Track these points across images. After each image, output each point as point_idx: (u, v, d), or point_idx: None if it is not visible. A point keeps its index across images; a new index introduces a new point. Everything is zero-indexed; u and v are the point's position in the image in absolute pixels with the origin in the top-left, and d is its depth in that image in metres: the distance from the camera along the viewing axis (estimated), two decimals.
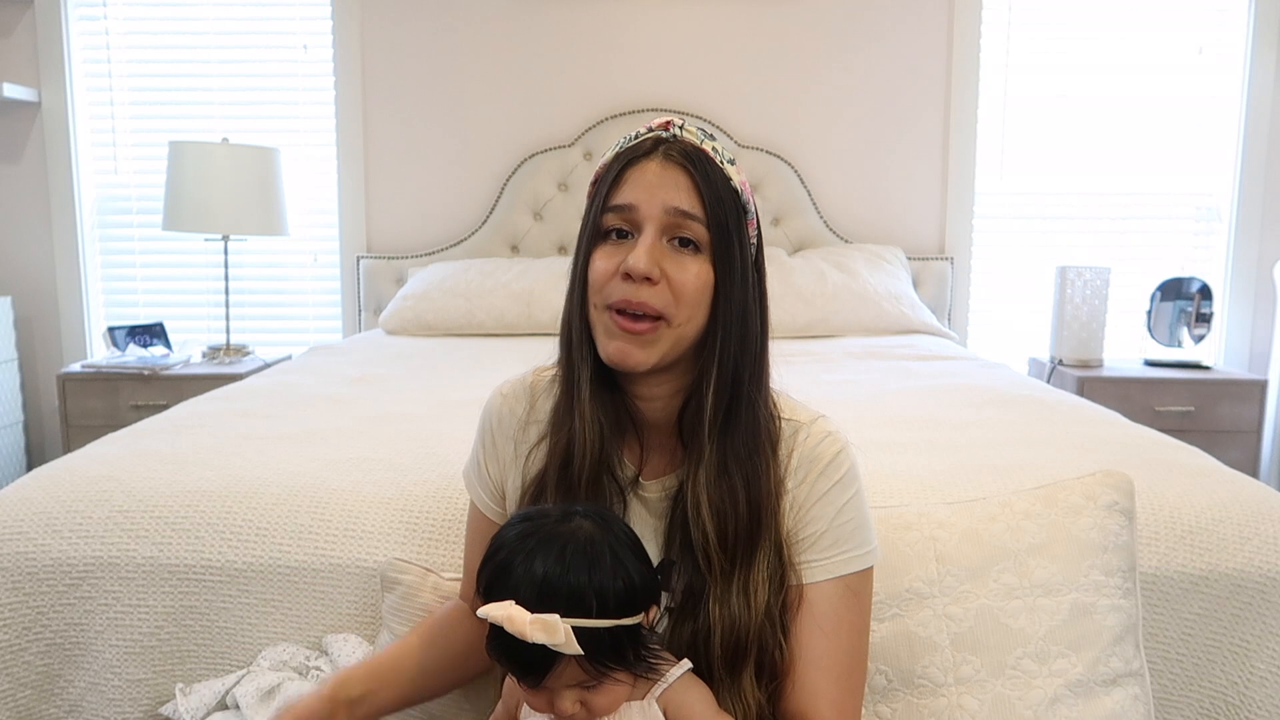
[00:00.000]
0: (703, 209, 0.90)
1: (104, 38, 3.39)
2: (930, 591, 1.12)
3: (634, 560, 0.84)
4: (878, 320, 2.94)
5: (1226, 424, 2.97)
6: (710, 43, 3.36)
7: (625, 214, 0.91)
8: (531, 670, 0.80)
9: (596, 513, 0.86)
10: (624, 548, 0.84)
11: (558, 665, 0.80)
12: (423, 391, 2.03)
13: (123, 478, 1.37)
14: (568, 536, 0.82)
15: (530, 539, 0.82)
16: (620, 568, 0.82)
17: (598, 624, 0.79)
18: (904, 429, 1.68)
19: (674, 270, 0.89)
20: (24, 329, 3.44)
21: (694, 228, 0.90)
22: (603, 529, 0.84)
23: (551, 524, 0.84)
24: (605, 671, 0.81)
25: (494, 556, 0.83)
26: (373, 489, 1.34)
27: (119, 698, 1.26)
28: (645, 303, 0.89)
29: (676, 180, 0.90)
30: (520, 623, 0.76)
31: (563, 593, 0.79)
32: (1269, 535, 1.27)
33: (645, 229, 0.89)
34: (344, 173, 3.41)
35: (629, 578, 0.82)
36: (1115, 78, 3.37)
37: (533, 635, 0.76)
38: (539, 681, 0.81)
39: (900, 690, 1.09)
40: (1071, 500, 1.15)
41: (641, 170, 0.91)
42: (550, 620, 0.76)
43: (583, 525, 0.84)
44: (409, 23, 3.36)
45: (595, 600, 0.79)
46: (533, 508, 0.89)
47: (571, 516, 0.85)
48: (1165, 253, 3.45)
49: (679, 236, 0.90)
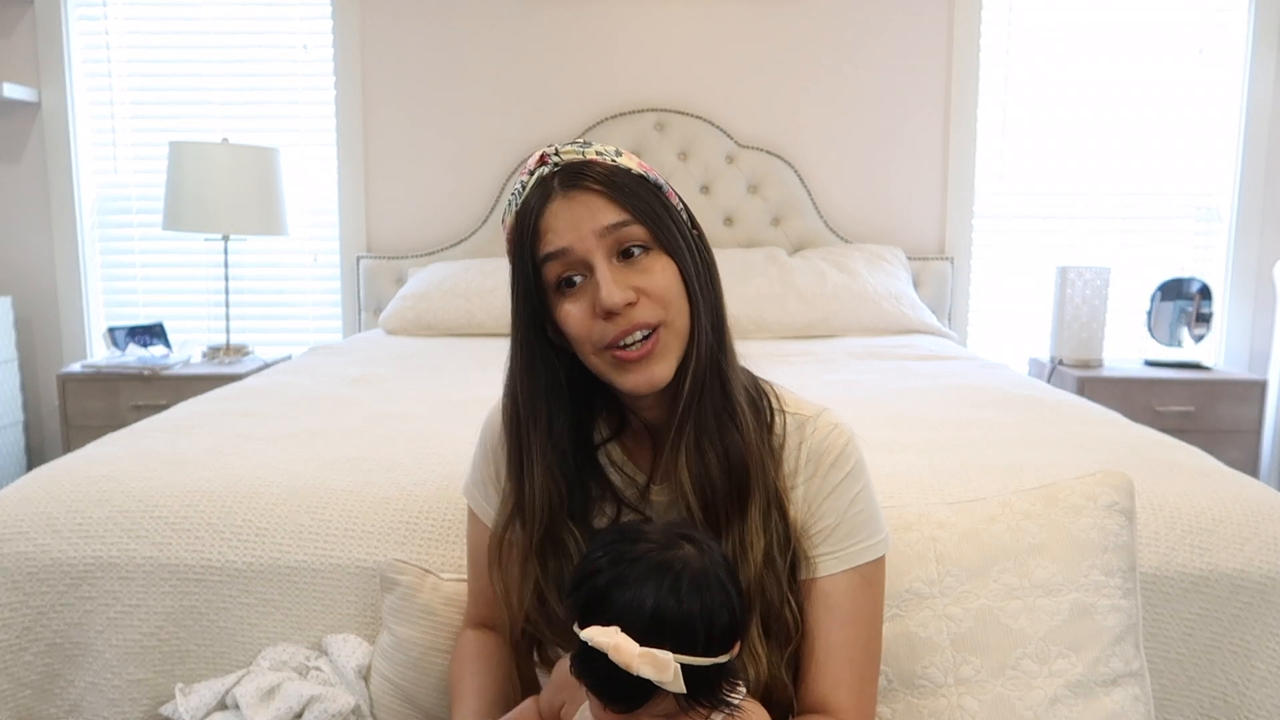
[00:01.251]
0: (627, 211, 0.89)
1: (104, 38, 3.39)
2: (930, 592, 1.12)
3: (735, 590, 0.81)
4: (878, 320, 2.94)
5: (1226, 424, 2.97)
6: (710, 43, 3.36)
7: (564, 259, 0.89)
8: (622, 700, 0.77)
9: (697, 536, 0.82)
10: (728, 577, 0.80)
11: (652, 700, 0.76)
12: (423, 391, 2.03)
13: (123, 478, 1.37)
14: (680, 565, 0.78)
15: (638, 564, 0.78)
16: (727, 600, 0.79)
17: (705, 663, 0.76)
18: (904, 429, 1.68)
19: (643, 281, 0.89)
20: (24, 329, 3.44)
21: (632, 232, 0.89)
22: (708, 556, 0.80)
23: (659, 549, 0.79)
24: (695, 709, 0.78)
25: (593, 577, 0.78)
26: (373, 489, 1.34)
27: (119, 698, 1.26)
28: (640, 322, 0.89)
29: (589, 202, 0.89)
30: (628, 654, 0.73)
31: (673, 626, 0.75)
32: (1269, 535, 1.27)
33: (595, 262, 0.88)
34: (344, 173, 3.41)
35: (733, 610, 0.79)
36: (1115, 78, 3.37)
37: (640, 669, 0.73)
38: (627, 711, 0.78)
39: (900, 690, 1.09)
40: (1072, 500, 1.15)
41: (553, 214, 0.89)
42: (662, 658, 0.73)
43: (690, 551, 0.79)
44: (409, 23, 3.36)
45: (704, 634, 0.76)
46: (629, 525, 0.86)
47: (678, 542, 0.80)
48: (1165, 253, 3.45)
49: (624, 249, 0.90)
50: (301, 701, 1.14)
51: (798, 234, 3.35)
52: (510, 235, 0.94)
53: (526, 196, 0.92)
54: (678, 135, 3.33)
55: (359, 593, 1.26)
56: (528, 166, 0.93)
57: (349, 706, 1.15)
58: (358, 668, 1.20)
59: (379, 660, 1.19)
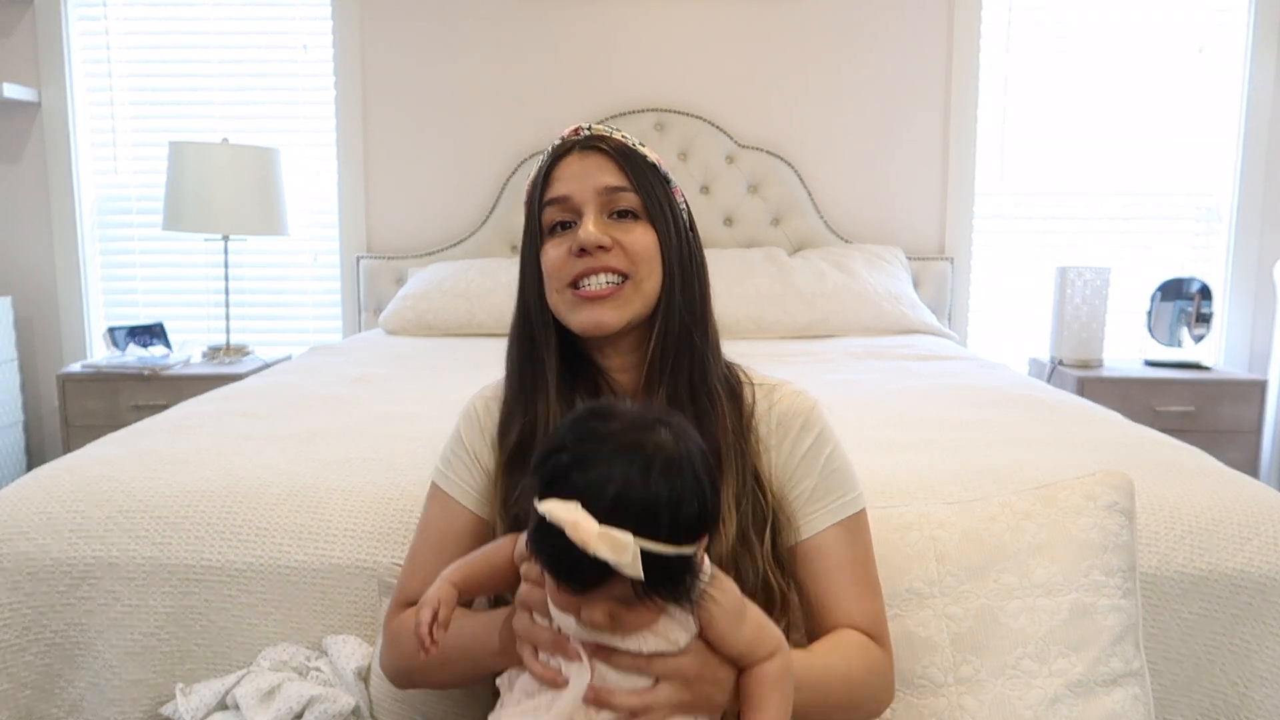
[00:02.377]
0: (628, 180, 0.99)
1: (104, 38, 3.39)
2: (930, 592, 1.11)
3: (709, 482, 0.77)
4: (878, 320, 2.94)
5: (1226, 424, 2.97)
6: (710, 43, 3.36)
7: (563, 205, 0.99)
8: (576, 579, 0.74)
9: (676, 423, 0.79)
10: (703, 467, 0.77)
11: (607, 583, 0.73)
12: (423, 392, 2.03)
13: (123, 478, 1.37)
14: (653, 447, 0.75)
15: (610, 440, 0.75)
16: (698, 490, 0.75)
17: (665, 551, 0.72)
18: (904, 429, 1.68)
19: (622, 236, 0.98)
20: (24, 329, 3.44)
21: (627, 198, 0.99)
22: (683, 443, 0.77)
23: (631, 429, 0.76)
24: (653, 599, 0.75)
25: (560, 451, 0.75)
26: (373, 489, 1.34)
27: (119, 698, 1.26)
28: (607, 264, 0.97)
29: (599, 163, 0.99)
30: (587, 532, 0.70)
31: (637, 507, 0.72)
32: (1269, 535, 1.27)
33: (586, 211, 0.98)
34: (344, 173, 3.41)
35: (703, 500, 0.76)
36: (1115, 78, 3.37)
37: (597, 549, 0.70)
38: (580, 592, 0.75)
39: (900, 690, 1.09)
40: (1072, 500, 1.15)
41: (566, 165, 1.00)
42: (621, 538, 0.70)
43: (665, 436, 0.76)
44: (409, 23, 3.36)
45: (668, 521, 0.73)
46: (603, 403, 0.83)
47: (653, 424, 0.77)
48: (1165, 253, 3.45)
49: (616, 210, 0.99)
50: (301, 702, 1.13)
51: (798, 234, 3.35)
52: (530, 183, 1.04)
53: (550, 153, 1.03)
54: (678, 135, 3.33)
55: (359, 593, 1.26)
56: (562, 134, 1.04)
57: (349, 707, 1.15)
58: (358, 669, 1.20)
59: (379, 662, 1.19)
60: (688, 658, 0.80)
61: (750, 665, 0.82)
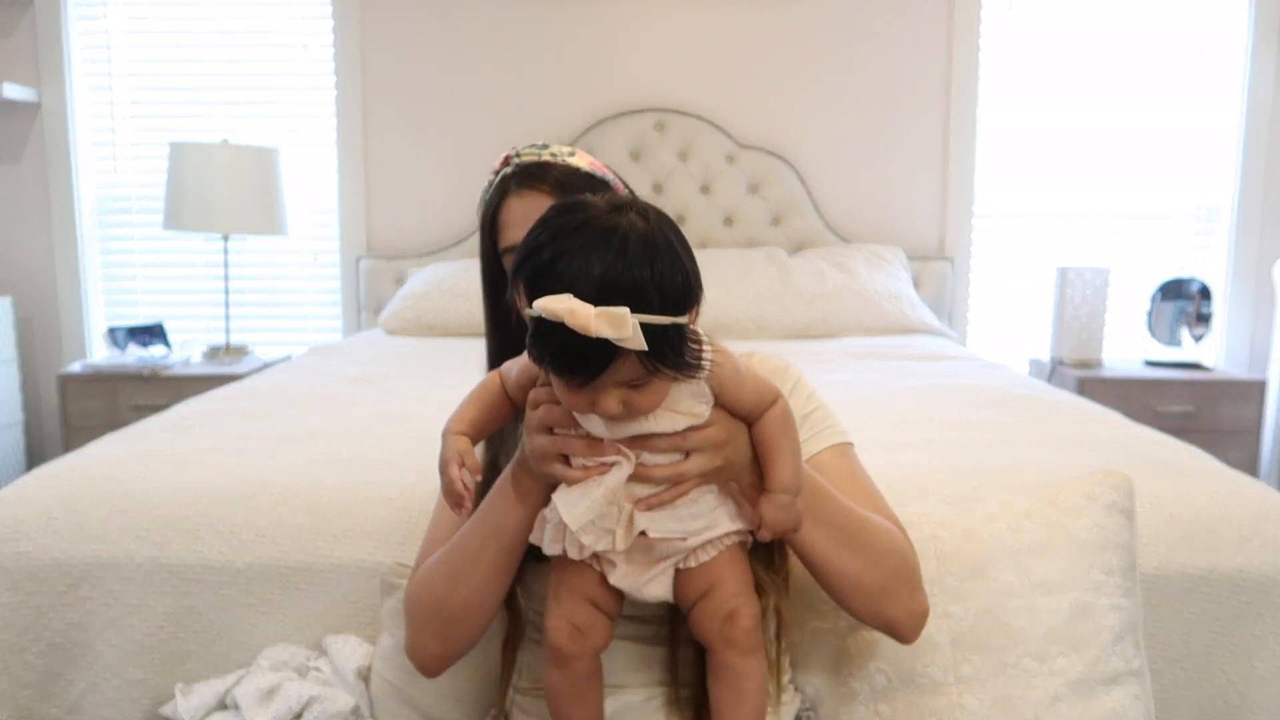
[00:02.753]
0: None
1: (104, 37, 3.39)
2: (930, 591, 1.11)
3: (685, 253, 0.80)
4: (878, 320, 2.94)
5: (1226, 424, 2.97)
6: (710, 43, 3.36)
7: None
8: (583, 369, 0.76)
9: (644, 206, 0.81)
10: (678, 240, 0.80)
11: (614, 363, 0.76)
12: (423, 391, 2.03)
13: (123, 478, 1.37)
14: (626, 230, 0.77)
15: (581, 233, 0.77)
16: (678, 261, 0.78)
17: (661, 320, 0.75)
18: (904, 429, 1.68)
19: None
20: (24, 329, 3.43)
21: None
22: (653, 221, 0.79)
23: (603, 216, 0.78)
24: (660, 369, 0.77)
25: (538, 252, 0.77)
26: (373, 489, 1.34)
27: (119, 698, 1.26)
28: None
29: (536, 201, 1.01)
30: (584, 316, 0.72)
31: (624, 288, 0.74)
32: (1269, 535, 1.27)
33: None
34: (344, 173, 3.41)
35: (685, 272, 0.79)
36: (1115, 77, 3.37)
37: (598, 329, 0.72)
38: (590, 380, 0.77)
39: (900, 689, 1.09)
40: (1072, 500, 1.15)
41: (510, 210, 1.03)
42: (618, 314, 0.72)
43: (633, 218, 0.78)
44: (409, 22, 3.36)
45: (657, 296, 0.76)
46: (569, 200, 0.83)
47: (620, 209, 0.79)
48: (1165, 253, 3.45)
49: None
50: (301, 702, 1.14)
51: (798, 234, 3.35)
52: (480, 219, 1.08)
53: (491, 192, 1.06)
54: (678, 135, 3.33)
55: (359, 593, 1.26)
56: (495, 167, 1.06)
57: (349, 707, 1.15)
58: (358, 668, 1.20)
59: (379, 662, 1.19)
60: (713, 427, 0.85)
61: (758, 417, 0.87)
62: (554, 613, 0.90)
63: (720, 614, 0.88)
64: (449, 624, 0.97)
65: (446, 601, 0.96)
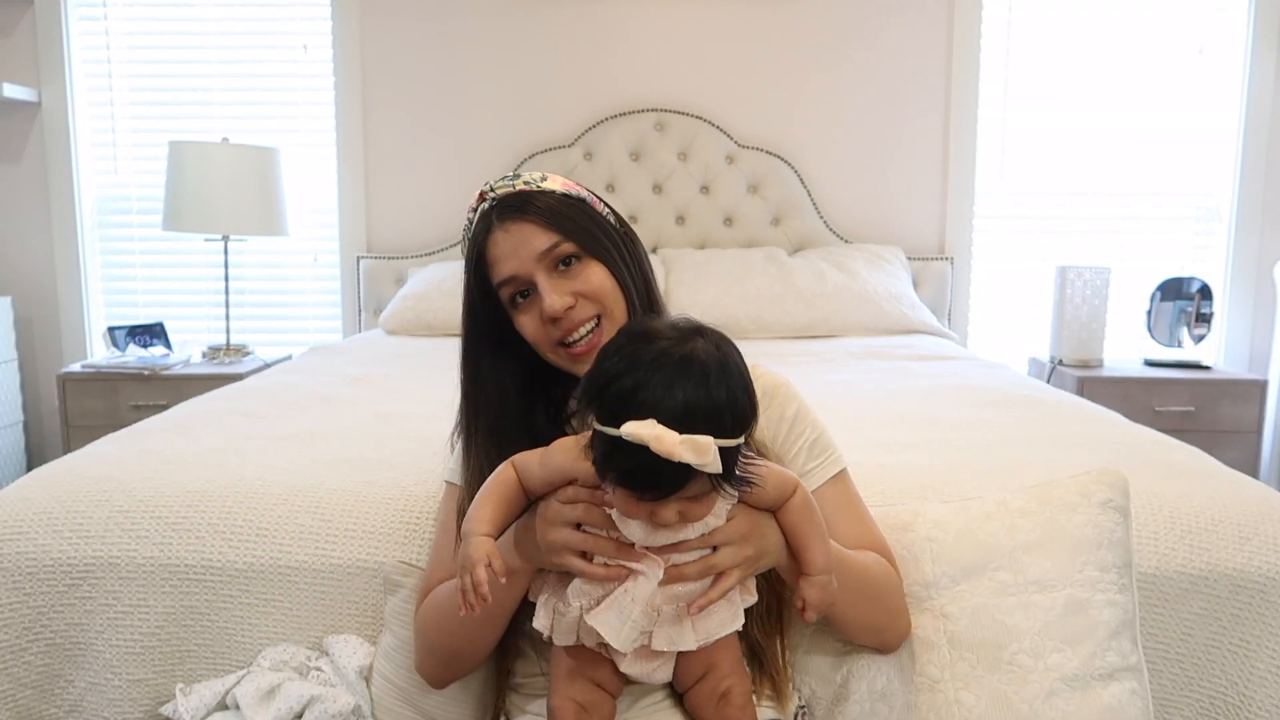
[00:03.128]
0: (555, 233, 1.03)
1: (104, 38, 3.39)
2: (927, 595, 1.12)
3: (746, 371, 0.86)
4: (878, 320, 2.94)
5: (1226, 424, 2.97)
6: (710, 43, 3.36)
7: (514, 283, 1.05)
8: (658, 487, 0.81)
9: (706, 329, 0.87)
10: (740, 363, 0.86)
11: (689, 483, 0.81)
12: (423, 391, 2.03)
13: (123, 478, 1.37)
14: (703, 356, 0.82)
15: (662, 361, 0.82)
16: (744, 383, 0.84)
17: (734, 443, 0.81)
18: (904, 429, 1.68)
19: (579, 285, 1.04)
20: (24, 329, 3.44)
21: (562, 248, 1.04)
22: (721, 346, 0.85)
23: (676, 344, 0.83)
24: (723, 488, 0.83)
25: (617, 380, 0.82)
26: (373, 489, 1.34)
27: (119, 698, 1.26)
28: (580, 319, 1.04)
29: (524, 231, 1.04)
30: (670, 443, 0.77)
31: (706, 413, 0.80)
32: (1269, 535, 1.27)
33: (538, 279, 1.03)
34: (344, 173, 3.41)
35: (750, 392, 0.84)
36: (1115, 78, 3.37)
37: (681, 455, 0.77)
38: (662, 497, 0.82)
39: (898, 688, 1.09)
40: (1066, 498, 1.15)
41: (496, 244, 1.05)
42: (703, 442, 0.77)
43: (705, 344, 0.84)
44: (409, 23, 3.36)
45: (730, 419, 0.81)
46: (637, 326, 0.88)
47: (692, 336, 0.85)
48: (1165, 253, 3.45)
49: (559, 261, 1.04)
50: (302, 701, 1.14)
51: (798, 234, 3.35)
52: (466, 254, 1.10)
53: (475, 230, 1.08)
54: (678, 135, 3.33)
55: (360, 593, 1.26)
56: (471, 205, 1.09)
57: (349, 707, 1.15)
58: (359, 668, 1.20)
59: (380, 661, 1.19)
60: (735, 521, 0.90)
61: (780, 507, 0.93)
62: (559, 692, 0.95)
63: (716, 694, 0.96)
64: (446, 661, 1.08)
65: (443, 646, 1.06)
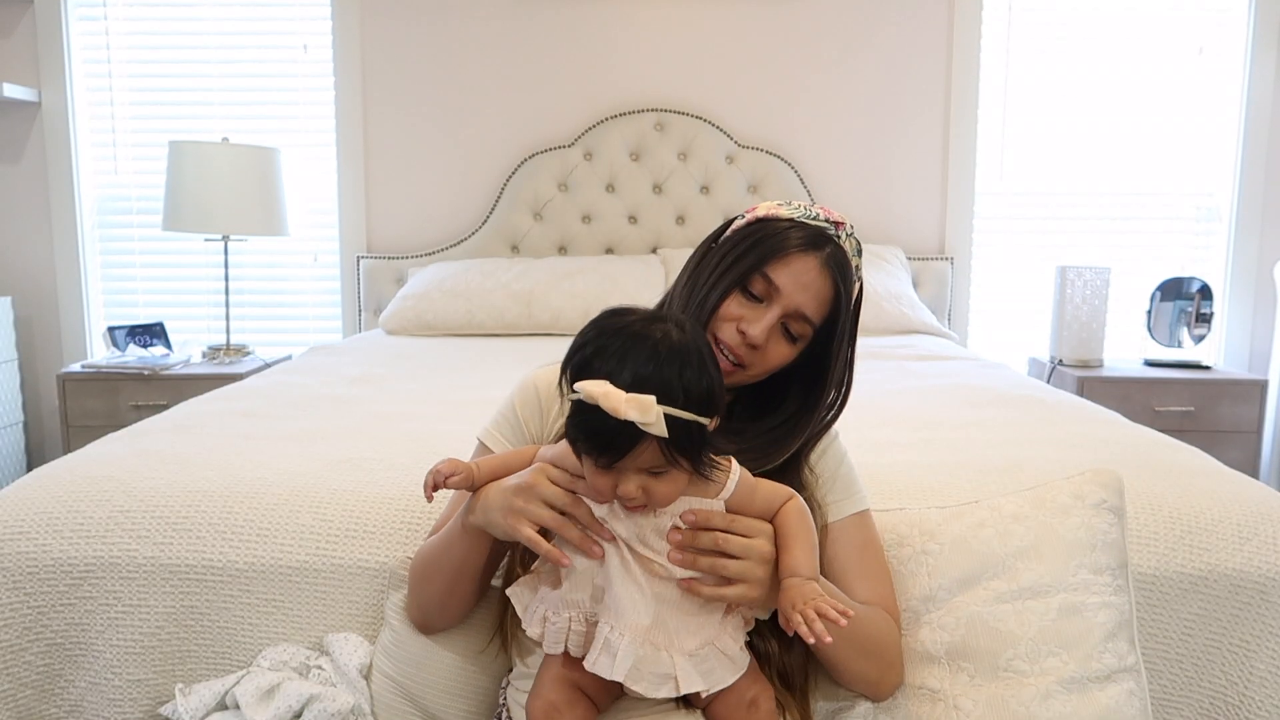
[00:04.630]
0: (821, 319, 1.07)
1: (104, 38, 3.39)
2: (925, 609, 1.13)
3: (715, 368, 0.91)
4: (877, 320, 2.94)
5: (1226, 424, 2.97)
6: (710, 43, 3.36)
7: (770, 288, 1.06)
8: (610, 449, 0.86)
9: (682, 321, 0.92)
10: (707, 354, 0.91)
11: (638, 447, 0.85)
12: (423, 391, 2.03)
13: (123, 478, 1.37)
14: (659, 336, 0.88)
15: (622, 335, 0.88)
16: (705, 371, 0.88)
17: (683, 415, 0.85)
18: (904, 429, 1.68)
19: (772, 346, 1.07)
20: (24, 329, 3.44)
21: (805, 329, 1.07)
22: (688, 335, 0.90)
23: (643, 324, 0.89)
24: (677, 460, 0.87)
25: (583, 348, 0.89)
26: (373, 489, 1.34)
27: (119, 698, 1.26)
28: (741, 357, 1.07)
29: (820, 288, 1.06)
30: (616, 399, 0.82)
31: (655, 384, 0.84)
32: (1269, 535, 1.27)
33: (773, 308, 1.06)
34: (344, 173, 3.41)
35: (710, 381, 0.89)
36: (1115, 78, 3.37)
37: (626, 412, 0.81)
38: (616, 459, 0.86)
39: (899, 700, 1.10)
40: (1060, 500, 1.15)
41: (804, 262, 1.06)
42: (645, 400, 0.82)
43: (670, 328, 0.89)
44: (409, 23, 3.36)
45: (682, 394, 0.85)
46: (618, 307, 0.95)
47: (661, 320, 0.90)
48: (1165, 253, 3.45)
49: (789, 328, 1.07)
50: (301, 700, 1.14)
51: None
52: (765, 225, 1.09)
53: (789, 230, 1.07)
54: (678, 135, 3.33)
55: (360, 592, 1.26)
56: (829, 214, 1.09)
57: (348, 706, 1.15)
58: (360, 667, 1.20)
59: (380, 658, 1.19)
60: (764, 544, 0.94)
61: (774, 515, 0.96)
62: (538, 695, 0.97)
63: (744, 702, 0.97)
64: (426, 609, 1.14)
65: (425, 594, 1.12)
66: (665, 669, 0.91)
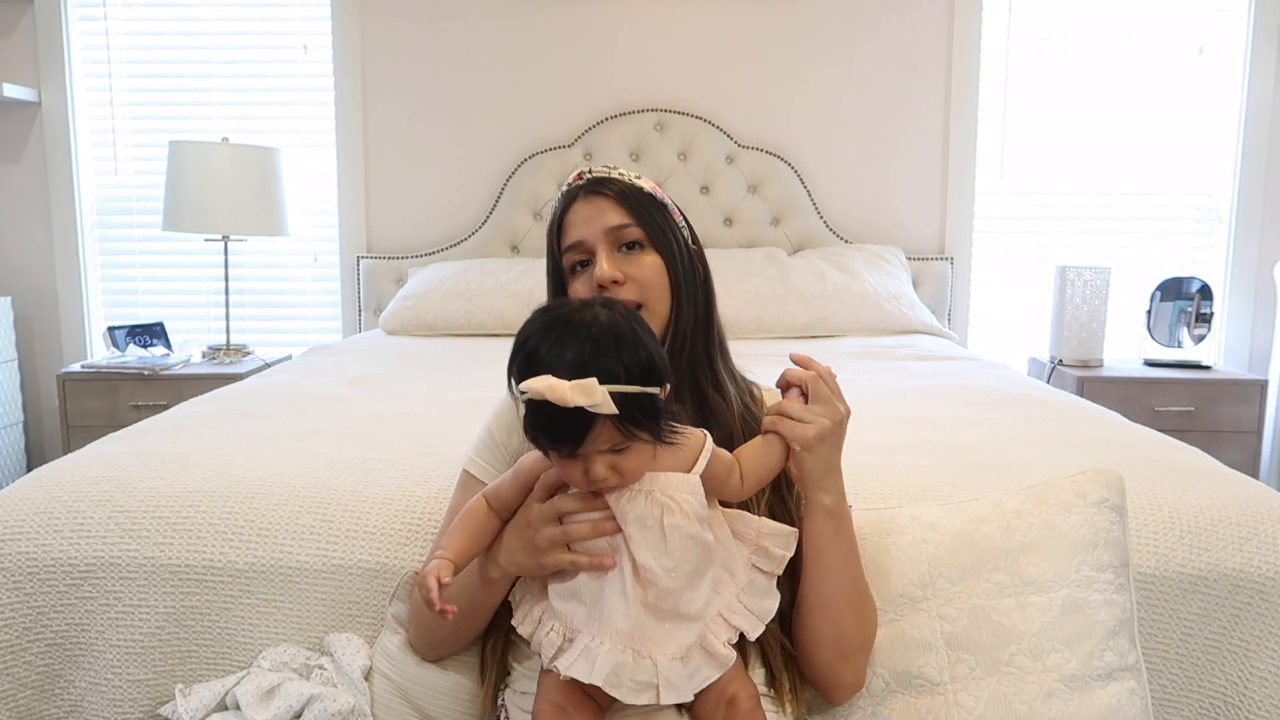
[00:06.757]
0: (630, 216, 1.12)
1: (104, 38, 3.39)
2: (923, 595, 1.12)
3: (651, 339, 0.93)
4: (878, 320, 2.94)
5: (1226, 424, 2.97)
6: (710, 43, 3.36)
7: (579, 248, 1.13)
8: (568, 438, 0.88)
9: (608, 301, 0.96)
10: (641, 329, 0.93)
11: (593, 429, 0.86)
12: (423, 391, 2.03)
13: (123, 478, 1.37)
14: (590, 319, 0.90)
15: (554, 327, 0.90)
16: (641, 345, 0.90)
17: (627, 389, 0.87)
18: (904, 429, 1.68)
19: (633, 269, 1.11)
20: (24, 329, 3.44)
21: (630, 231, 1.12)
22: (618, 315, 0.92)
23: (572, 312, 0.92)
24: (634, 433, 0.88)
25: (523, 346, 0.91)
26: (374, 489, 1.34)
27: (119, 698, 1.26)
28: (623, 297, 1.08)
29: (601, 206, 1.13)
30: (561, 389, 0.83)
31: (594, 367, 0.86)
32: (1269, 535, 1.27)
33: (598, 250, 1.12)
34: (344, 173, 3.41)
35: (649, 353, 0.90)
36: (1115, 78, 3.37)
37: (573, 399, 0.83)
38: (576, 449, 0.88)
39: (898, 692, 1.10)
40: (1062, 498, 1.15)
41: (575, 211, 1.14)
42: (588, 383, 0.84)
43: (599, 311, 0.92)
44: (409, 23, 3.36)
45: (623, 369, 0.87)
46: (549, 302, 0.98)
47: (589, 305, 0.93)
48: (1165, 253, 3.45)
49: (624, 244, 1.12)
50: (301, 701, 1.14)
51: (798, 234, 3.35)
52: (547, 228, 1.18)
53: (559, 202, 1.17)
54: (678, 135, 3.33)
55: (360, 593, 1.26)
56: (568, 180, 1.17)
57: (348, 706, 1.15)
58: (362, 667, 1.20)
59: (380, 660, 1.20)
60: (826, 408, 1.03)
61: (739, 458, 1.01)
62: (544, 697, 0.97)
63: (721, 700, 0.97)
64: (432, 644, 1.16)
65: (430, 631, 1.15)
66: (646, 676, 0.91)
